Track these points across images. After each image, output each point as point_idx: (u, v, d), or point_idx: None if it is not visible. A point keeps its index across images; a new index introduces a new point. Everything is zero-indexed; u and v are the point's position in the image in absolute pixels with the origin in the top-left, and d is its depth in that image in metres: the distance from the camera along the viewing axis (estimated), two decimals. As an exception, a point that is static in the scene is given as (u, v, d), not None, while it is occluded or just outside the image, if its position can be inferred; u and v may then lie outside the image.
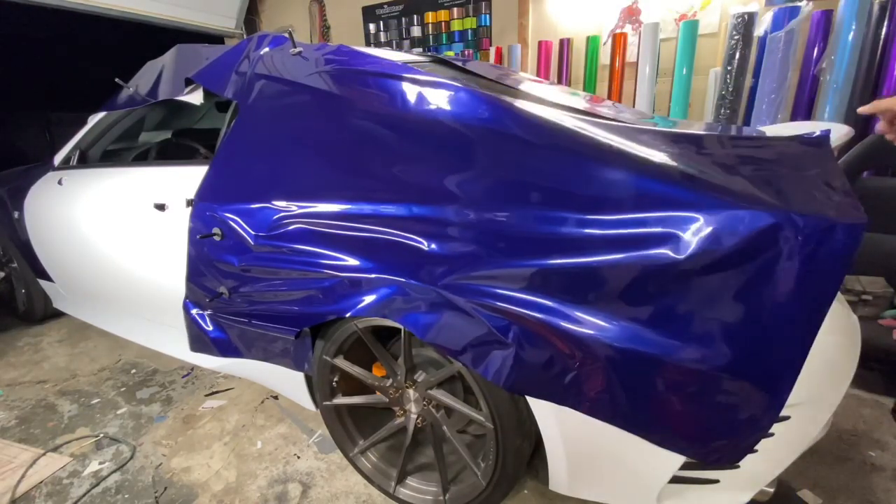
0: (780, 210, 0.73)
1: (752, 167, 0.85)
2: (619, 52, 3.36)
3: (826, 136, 0.88)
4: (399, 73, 1.10)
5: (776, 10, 2.56)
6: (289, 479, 1.43)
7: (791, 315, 0.75)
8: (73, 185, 1.87)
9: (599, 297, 0.83)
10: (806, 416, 0.89)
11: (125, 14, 3.73)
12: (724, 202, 0.77)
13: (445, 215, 0.96)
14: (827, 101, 2.44)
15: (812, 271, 0.74)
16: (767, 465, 0.91)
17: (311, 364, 1.29)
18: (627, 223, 0.81)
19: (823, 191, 0.79)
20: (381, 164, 1.06)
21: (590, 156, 0.89)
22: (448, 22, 4.32)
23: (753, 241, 0.74)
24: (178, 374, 2.03)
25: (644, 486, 0.94)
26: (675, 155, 0.91)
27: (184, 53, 1.58)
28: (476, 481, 1.15)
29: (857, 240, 0.72)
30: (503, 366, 0.92)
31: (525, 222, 0.90)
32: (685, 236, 0.77)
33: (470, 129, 0.98)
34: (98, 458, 1.56)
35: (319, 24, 4.88)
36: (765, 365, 0.77)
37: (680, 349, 0.79)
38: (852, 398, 1.64)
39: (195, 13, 4.45)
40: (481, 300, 0.91)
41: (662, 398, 0.83)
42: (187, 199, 1.36)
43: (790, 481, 1.30)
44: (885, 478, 1.32)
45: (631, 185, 0.84)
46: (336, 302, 1.11)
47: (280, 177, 1.19)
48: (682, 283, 0.78)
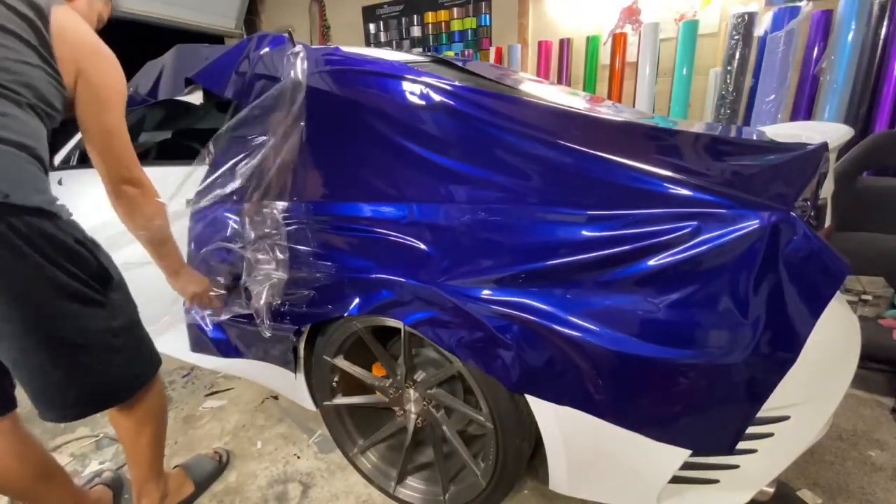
0: (779, 210, 0.74)
1: (749, 168, 0.85)
2: (619, 52, 3.36)
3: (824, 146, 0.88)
4: (398, 73, 1.10)
5: (776, 10, 2.56)
6: (289, 479, 1.43)
7: (785, 310, 0.76)
8: (73, 184, 1.86)
9: (599, 296, 0.84)
10: (806, 416, 0.89)
11: (125, 14, 3.73)
12: (723, 202, 0.77)
13: (445, 215, 0.96)
14: (827, 101, 2.44)
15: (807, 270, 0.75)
16: (767, 465, 0.91)
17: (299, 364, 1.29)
18: (626, 223, 0.82)
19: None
20: (380, 163, 1.06)
21: (590, 155, 0.89)
22: (448, 22, 4.32)
23: (746, 240, 0.74)
24: (178, 374, 2.04)
25: (644, 485, 0.94)
26: (674, 154, 0.91)
27: (184, 53, 1.58)
28: (476, 481, 1.15)
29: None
30: (508, 365, 0.92)
31: (525, 222, 0.90)
32: (683, 235, 0.78)
33: (470, 128, 0.98)
34: (98, 458, 1.56)
35: (319, 24, 4.88)
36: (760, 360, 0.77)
37: (678, 347, 0.79)
38: (852, 398, 1.64)
39: (195, 13, 4.45)
40: (483, 301, 0.91)
41: (659, 394, 0.83)
42: (187, 199, 1.36)
43: (790, 481, 1.30)
44: (884, 478, 1.32)
45: (631, 184, 0.84)
46: (336, 301, 1.11)
47: (279, 176, 1.19)
48: (681, 282, 0.78)
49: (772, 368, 0.78)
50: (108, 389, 1.02)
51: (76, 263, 0.90)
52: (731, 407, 0.81)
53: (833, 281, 0.77)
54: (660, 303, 0.80)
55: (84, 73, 0.93)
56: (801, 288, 0.75)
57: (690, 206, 0.79)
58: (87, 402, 0.99)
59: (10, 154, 0.82)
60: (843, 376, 0.92)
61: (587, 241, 0.84)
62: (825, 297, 0.76)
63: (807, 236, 0.74)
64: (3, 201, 0.79)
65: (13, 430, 1.03)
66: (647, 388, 0.83)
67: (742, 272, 0.76)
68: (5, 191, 0.80)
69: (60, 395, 0.95)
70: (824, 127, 1.25)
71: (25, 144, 0.85)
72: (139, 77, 1.70)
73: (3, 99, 0.83)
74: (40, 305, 0.87)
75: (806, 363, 0.78)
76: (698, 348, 0.78)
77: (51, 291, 0.87)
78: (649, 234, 0.80)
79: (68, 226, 0.91)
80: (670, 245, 0.78)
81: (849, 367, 0.93)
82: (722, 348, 0.78)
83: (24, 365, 0.92)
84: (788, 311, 0.76)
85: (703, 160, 0.90)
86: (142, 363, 1.08)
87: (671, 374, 0.80)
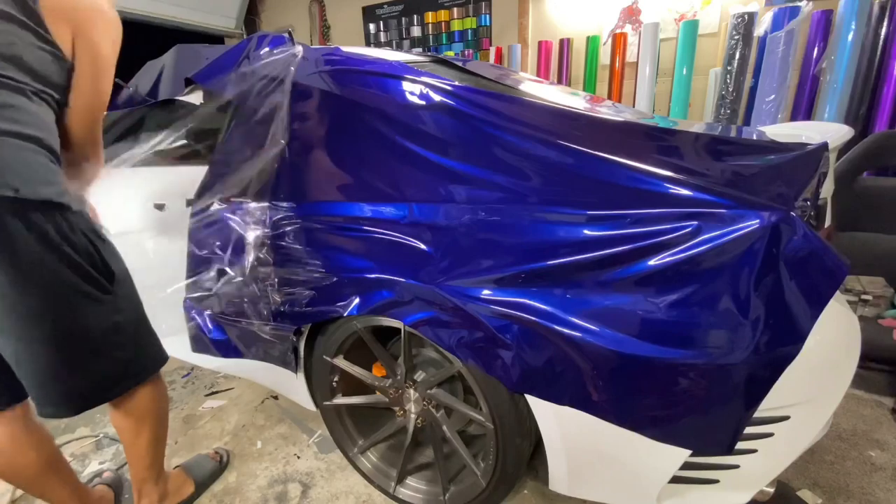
0: (779, 210, 0.74)
1: (750, 168, 0.85)
2: (619, 52, 3.36)
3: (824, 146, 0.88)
4: (398, 73, 1.10)
5: (776, 10, 2.57)
6: (289, 479, 1.43)
7: (785, 310, 0.76)
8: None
9: (599, 296, 0.84)
10: (806, 416, 0.89)
11: (125, 14, 3.72)
12: (724, 202, 0.77)
13: (446, 215, 0.96)
14: (827, 101, 2.44)
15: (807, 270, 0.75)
16: (767, 465, 0.91)
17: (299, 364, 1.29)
18: (626, 223, 0.82)
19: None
20: (381, 163, 1.06)
21: (590, 155, 0.89)
22: (448, 22, 4.32)
23: (746, 240, 0.74)
24: (179, 374, 2.04)
25: (644, 485, 0.94)
26: (675, 154, 0.91)
27: (184, 53, 1.58)
28: (476, 481, 1.15)
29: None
30: (508, 365, 0.92)
31: (525, 222, 0.90)
32: (683, 235, 0.78)
33: (470, 128, 0.98)
34: (98, 457, 1.56)
35: (319, 24, 4.88)
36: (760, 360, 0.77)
37: (678, 347, 0.79)
38: (852, 398, 1.64)
39: (195, 13, 4.45)
40: (483, 301, 0.91)
41: (659, 394, 0.83)
42: (187, 199, 1.36)
43: (790, 481, 1.30)
44: (884, 478, 1.32)
45: (631, 184, 0.84)
46: (336, 301, 1.11)
47: (279, 176, 1.19)
48: (681, 282, 0.78)
49: (770, 369, 0.78)
50: (107, 384, 1.01)
51: (83, 256, 0.90)
52: (730, 407, 0.81)
53: (833, 281, 0.77)
54: (660, 303, 0.80)
55: (81, 30, 0.89)
56: (801, 288, 0.75)
57: (691, 206, 0.79)
58: (86, 397, 0.99)
59: (16, 146, 0.82)
60: (843, 376, 0.92)
61: (587, 240, 0.84)
62: (825, 297, 0.77)
63: (807, 236, 0.74)
64: (14, 196, 0.79)
65: (25, 418, 1.05)
66: (648, 388, 0.83)
67: (742, 272, 0.75)
68: (15, 185, 0.80)
69: (60, 388, 0.95)
70: (824, 127, 1.25)
71: (32, 135, 0.84)
72: (139, 77, 1.70)
73: (5, 90, 0.82)
74: (46, 298, 0.87)
75: (806, 363, 0.78)
76: (698, 348, 0.78)
77: (58, 284, 0.87)
78: (649, 233, 0.80)
79: (77, 217, 0.91)
80: (670, 245, 0.78)
81: (849, 367, 0.93)
82: (722, 348, 0.77)
83: (25, 358, 0.91)
84: (788, 311, 0.76)
85: (703, 160, 0.90)
86: (144, 360, 1.08)
87: (671, 375, 0.80)
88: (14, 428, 1.02)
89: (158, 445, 1.19)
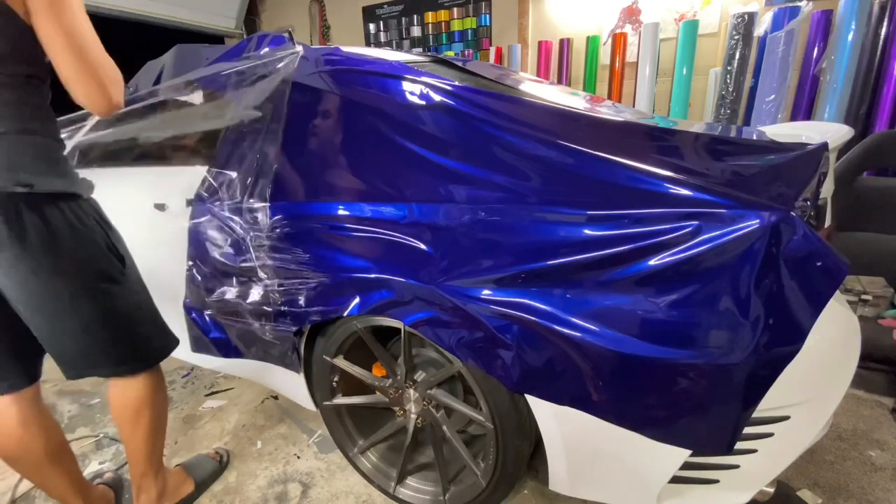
0: (779, 210, 0.74)
1: (750, 168, 0.85)
2: (619, 52, 3.36)
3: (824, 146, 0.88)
4: (398, 73, 1.10)
5: (776, 10, 2.57)
6: (289, 479, 1.43)
7: (785, 310, 0.76)
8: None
9: (599, 296, 0.84)
10: (806, 416, 0.89)
11: (125, 14, 3.74)
12: (724, 202, 0.77)
13: (445, 215, 0.96)
14: (827, 101, 2.44)
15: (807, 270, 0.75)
16: (767, 465, 0.91)
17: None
18: (626, 223, 0.82)
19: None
20: (381, 163, 1.06)
21: (590, 155, 0.89)
22: (448, 22, 4.32)
23: (746, 240, 0.74)
24: (178, 374, 2.04)
25: (644, 485, 0.94)
26: (675, 154, 0.91)
27: (184, 53, 1.58)
28: (476, 481, 1.15)
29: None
30: (508, 365, 0.92)
31: (525, 222, 0.90)
32: (683, 235, 0.78)
33: (470, 128, 0.98)
34: (98, 457, 1.56)
35: (319, 24, 4.88)
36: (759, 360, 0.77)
37: (678, 347, 0.79)
38: (852, 398, 1.64)
39: (195, 13, 4.45)
40: (483, 301, 0.91)
41: (659, 394, 0.83)
42: (187, 199, 1.36)
43: (790, 481, 1.30)
44: (884, 478, 1.32)
45: (631, 184, 0.84)
46: (336, 301, 1.11)
47: (279, 176, 1.19)
48: (681, 282, 0.79)
49: (770, 368, 0.78)
50: (139, 356, 1.09)
51: (99, 241, 0.97)
52: (729, 407, 0.81)
53: (833, 281, 0.77)
54: (660, 303, 0.80)
55: None
56: (801, 288, 0.75)
57: (691, 206, 0.79)
58: (116, 362, 1.06)
59: (21, 142, 0.84)
60: (843, 376, 0.92)
61: (587, 240, 0.84)
62: (825, 297, 0.77)
63: (807, 236, 0.74)
64: (29, 192, 0.83)
65: (36, 400, 1.08)
66: (647, 388, 0.83)
67: (742, 272, 0.75)
68: (28, 181, 0.82)
69: (99, 354, 1.02)
70: (824, 127, 1.25)
71: (29, 128, 0.86)
72: (139, 77, 1.70)
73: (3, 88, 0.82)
74: (84, 279, 0.94)
75: (806, 363, 0.78)
76: (698, 348, 0.78)
77: (83, 269, 0.94)
78: (649, 233, 0.80)
79: (89, 205, 0.98)
80: (670, 245, 0.78)
81: (849, 367, 0.93)
82: (722, 348, 0.77)
83: (60, 334, 0.97)
84: (788, 311, 0.76)
85: (703, 160, 0.90)
86: (163, 335, 1.15)
87: (671, 375, 0.80)
88: (25, 409, 1.05)
89: (157, 438, 1.19)
